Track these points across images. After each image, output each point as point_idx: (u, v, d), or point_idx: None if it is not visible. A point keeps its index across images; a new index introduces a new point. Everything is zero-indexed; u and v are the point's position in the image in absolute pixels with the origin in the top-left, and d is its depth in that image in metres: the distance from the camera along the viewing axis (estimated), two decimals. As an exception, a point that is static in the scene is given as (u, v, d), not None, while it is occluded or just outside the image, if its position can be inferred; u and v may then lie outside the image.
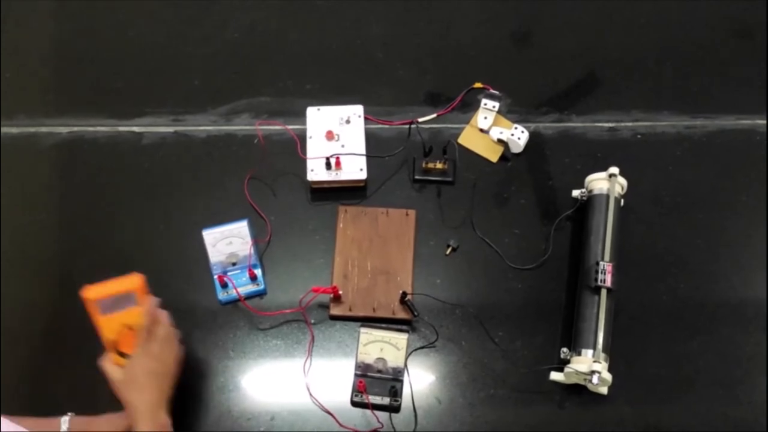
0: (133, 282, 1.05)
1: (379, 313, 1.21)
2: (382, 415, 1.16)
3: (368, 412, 1.16)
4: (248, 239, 1.23)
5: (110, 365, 1.02)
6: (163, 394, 1.01)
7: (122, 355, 1.05)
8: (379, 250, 1.27)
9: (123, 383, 1.00)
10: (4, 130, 1.39)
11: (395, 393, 1.16)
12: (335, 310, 1.23)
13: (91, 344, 1.03)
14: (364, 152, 1.31)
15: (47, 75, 1.47)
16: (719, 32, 1.50)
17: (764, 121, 1.39)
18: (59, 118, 1.41)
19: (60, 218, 1.33)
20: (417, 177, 1.34)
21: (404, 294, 1.18)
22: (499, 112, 1.38)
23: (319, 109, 1.35)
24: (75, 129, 1.40)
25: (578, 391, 1.17)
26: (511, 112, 1.41)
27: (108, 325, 1.04)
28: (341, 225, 1.29)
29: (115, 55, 1.48)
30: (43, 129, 1.40)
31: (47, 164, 1.38)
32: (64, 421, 1.03)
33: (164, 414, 1.00)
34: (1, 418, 0.93)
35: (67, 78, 1.46)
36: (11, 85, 1.44)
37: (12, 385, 1.18)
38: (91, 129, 1.39)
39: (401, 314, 1.21)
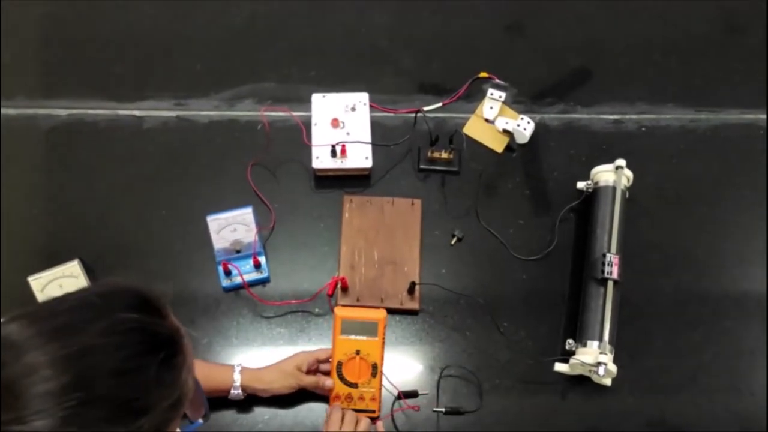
0: (379, 314, 1.11)
1: (387, 304, 1.20)
2: (386, 402, 1.15)
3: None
4: (253, 226, 1.22)
5: (324, 380, 1.11)
6: None
7: (343, 380, 1.11)
8: (386, 239, 1.26)
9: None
10: (3, 111, 1.36)
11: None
12: (343, 301, 1.22)
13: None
14: (369, 140, 1.30)
15: (47, 56, 1.44)
16: (724, 27, 1.50)
17: (765, 116, 1.40)
18: (59, 99, 1.38)
19: (59, 202, 1.31)
20: (422, 166, 1.33)
21: (413, 284, 1.18)
22: (504, 102, 1.37)
23: (324, 96, 1.34)
24: (75, 111, 1.37)
25: (582, 382, 1.17)
26: (517, 102, 1.40)
27: (342, 347, 1.11)
28: (347, 215, 1.28)
29: (116, 37, 1.45)
30: (42, 111, 1.37)
31: (46, 147, 1.35)
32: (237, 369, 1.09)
33: None
34: None
35: (68, 59, 1.43)
36: (11, 66, 1.40)
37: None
38: (91, 112, 1.37)
39: (409, 304, 1.21)
